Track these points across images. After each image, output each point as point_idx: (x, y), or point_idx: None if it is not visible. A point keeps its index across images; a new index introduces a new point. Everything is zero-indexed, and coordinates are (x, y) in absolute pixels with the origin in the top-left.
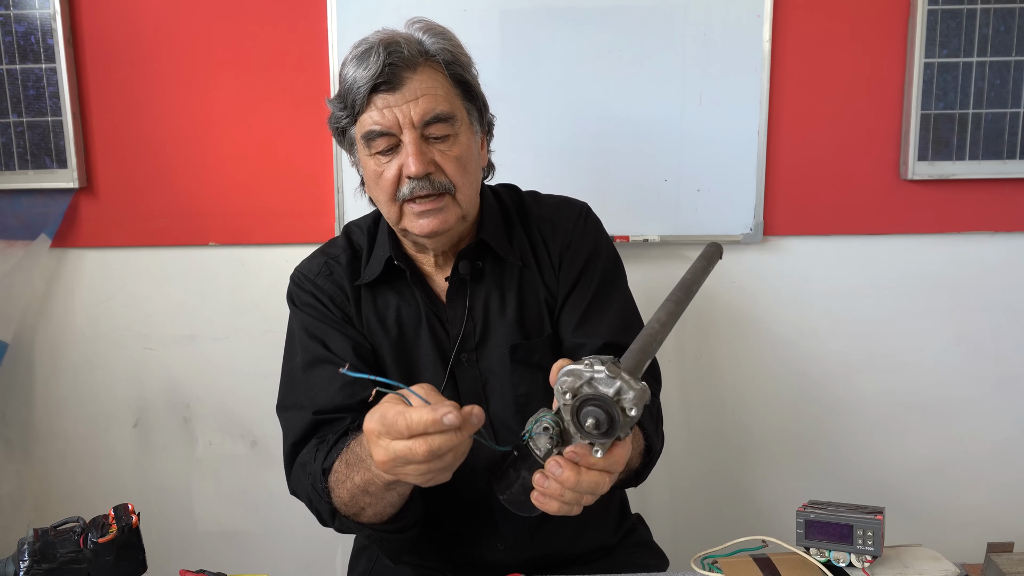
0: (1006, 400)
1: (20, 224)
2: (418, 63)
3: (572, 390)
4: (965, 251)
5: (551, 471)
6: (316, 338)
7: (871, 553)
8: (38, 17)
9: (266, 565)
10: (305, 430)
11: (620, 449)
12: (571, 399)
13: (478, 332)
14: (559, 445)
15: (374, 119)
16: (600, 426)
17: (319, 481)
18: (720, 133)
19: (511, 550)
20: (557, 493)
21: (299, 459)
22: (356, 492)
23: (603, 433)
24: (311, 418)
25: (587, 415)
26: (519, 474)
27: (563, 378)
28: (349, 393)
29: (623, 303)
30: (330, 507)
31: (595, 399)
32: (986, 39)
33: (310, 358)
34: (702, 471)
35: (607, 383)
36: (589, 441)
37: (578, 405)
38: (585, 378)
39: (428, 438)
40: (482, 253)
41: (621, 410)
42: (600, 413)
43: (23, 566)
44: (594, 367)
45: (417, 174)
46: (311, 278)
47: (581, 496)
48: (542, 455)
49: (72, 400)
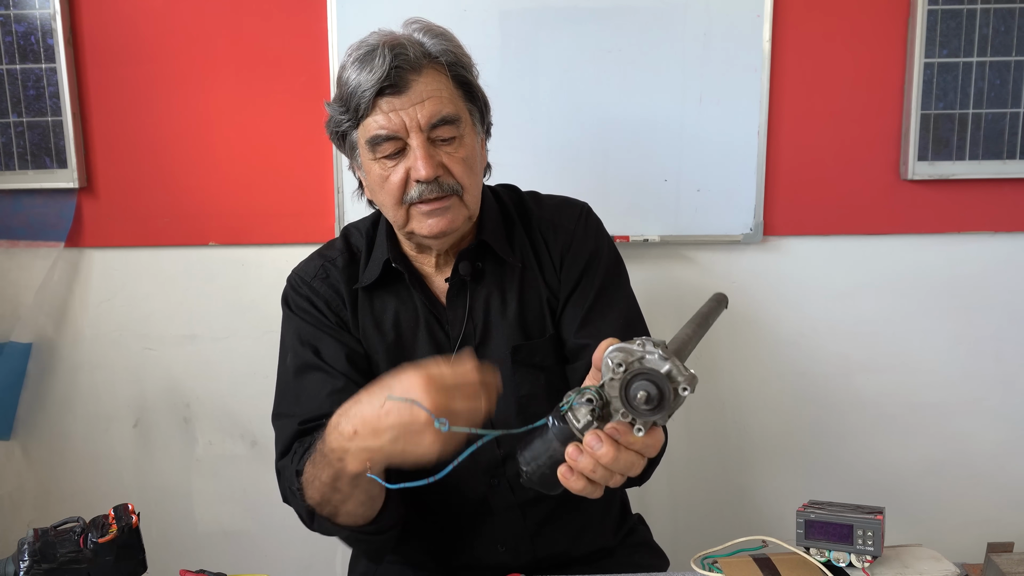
0: (1006, 400)
1: (21, 224)
2: (422, 65)
3: (625, 363)
4: (965, 251)
5: (590, 445)
6: (308, 344)
7: (871, 553)
8: (38, 17)
9: (266, 565)
10: (291, 439)
11: (657, 432)
12: (623, 371)
13: (478, 333)
14: (599, 420)
15: (380, 123)
16: (651, 401)
17: (294, 482)
18: (720, 133)
19: (512, 551)
20: (589, 469)
21: (281, 465)
22: (325, 491)
23: (651, 409)
24: (296, 428)
25: (639, 388)
26: (550, 446)
27: (614, 353)
28: (336, 401)
29: (626, 303)
30: (306, 507)
31: (648, 374)
32: (986, 39)
33: (300, 364)
34: (702, 471)
35: (659, 363)
36: (631, 420)
37: (629, 378)
38: (636, 355)
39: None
40: (482, 254)
41: (672, 389)
42: (652, 388)
43: (23, 566)
44: (645, 347)
45: (427, 178)
46: (307, 281)
47: (611, 475)
48: (580, 427)
49: (72, 400)
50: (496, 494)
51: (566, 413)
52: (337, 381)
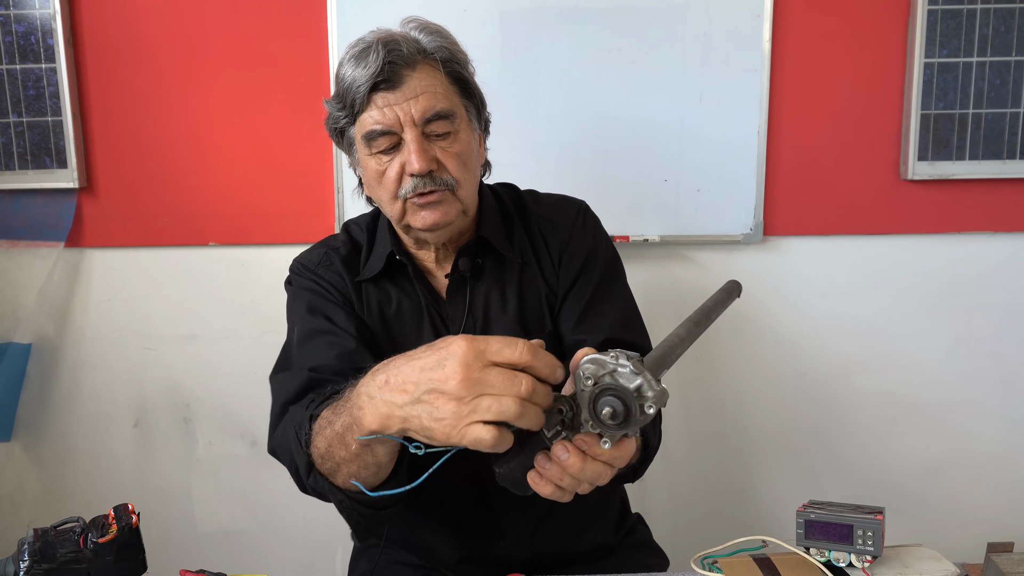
0: (1006, 400)
1: (21, 224)
2: (417, 61)
3: (595, 377)
4: (965, 251)
5: (557, 455)
6: (318, 312)
7: (871, 553)
8: (38, 17)
9: (266, 565)
10: (299, 389)
11: (627, 444)
12: (592, 385)
13: (478, 329)
14: (568, 430)
15: (375, 118)
16: (616, 417)
17: (304, 427)
18: (720, 133)
19: (512, 548)
20: (557, 477)
21: (288, 414)
22: (333, 441)
23: (617, 425)
24: (307, 375)
25: (604, 404)
26: (521, 451)
27: (586, 365)
28: (348, 360)
29: (623, 300)
30: (307, 458)
31: (615, 389)
32: (986, 39)
33: (309, 330)
34: (702, 471)
35: (629, 378)
36: (599, 432)
37: (597, 393)
38: (608, 368)
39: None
40: (482, 250)
41: (639, 406)
42: (618, 404)
43: (23, 566)
44: (619, 360)
45: (420, 171)
46: (311, 268)
47: (579, 484)
48: (549, 436)
49: (72, 400)
50: (497, 491)
51: None
52: (348, 342)
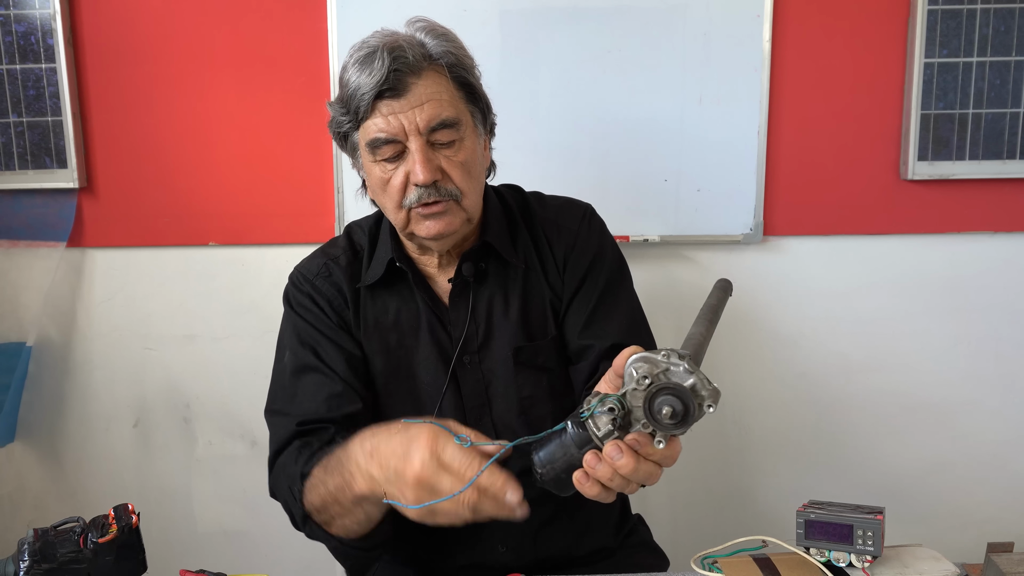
0: (1006, 400)
1: (22, 224)
2: (422, 68)
3: (650, 375)
4: (965, 251)
5: (610, 455)
6: (307, 345)
7: (871, 553)
8: (38, 17)
9: (266, 565)
10: (288, 439)
11: (676, 444)
12: (648, 384)
13: (481, 334)
14: (619, 429)
15: (379, 126)
16: (675, 416)
17: (296, 484)
18: (720, 133)
19: (513, 552)
20: (607, 477)
21: (280, 460)
22: (327, 499)
23: (674, 424)
24: (294, 428)
25: (663, 403)
26: (567, 451)
27: (638, 363)
28: (335, 406)
29: (630, 304)
30: (302, 511)
31: (674, 389)
32: (986, 39)
33: (300, 364)
34: (702, 471)
35: (683, 376)
36: (651, 431)
37: (654, 392)
38: (661, 367)
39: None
40: (485, 255)
41: (697, 405)
42: (678, 403)
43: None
44: (670, 359)
45: (425, 182)
46: (310, 279)
47: (628, 484)
48: (600, 436)
49: (72, 400)
50: None
51: (586, 420)
52: (335, 385)
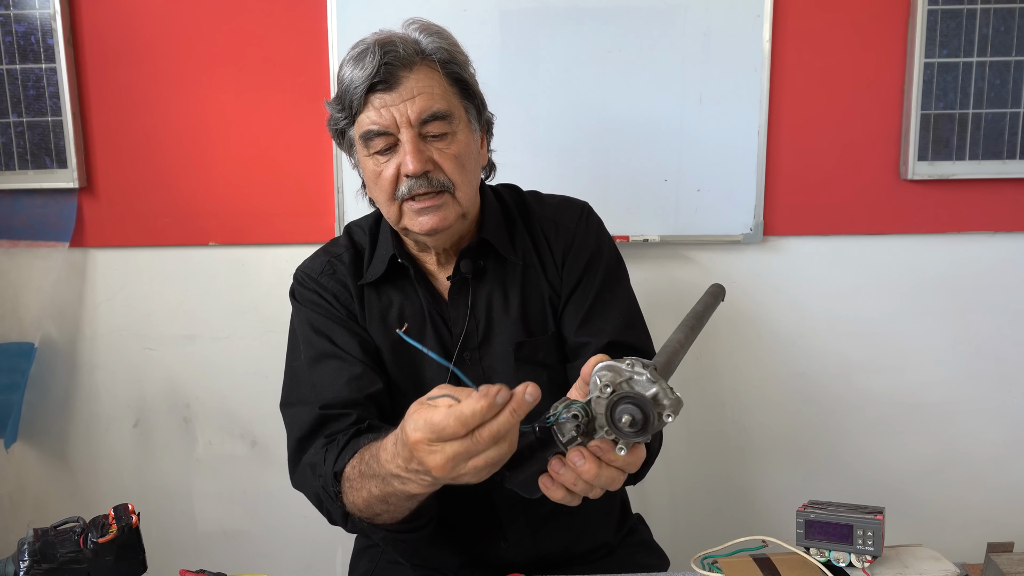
0: (1006, 400)
1: (22, 224)
2: (414, 62)
3: (613, 384)
4: (965, 251)
5: (573, 461)
6: (322, 333)
7: (871, 553)
8: (38, 17)
9: (266, 565)
10: (311, 425)
11: (639, 450)
12: (610, 393)
13: (480, 330)
14: (583, 436)
15: (371, 119)
16: (635, 424)
17: (331, 485)
18: (720, 133)
19: (513, 548)
20: (570, 482)
21: (306, 458)
22: (372, 501)
23: (634, 432)
24: (318, 413)
25: (623, 412)
26: (534, 455)
27: (602, 372)
28: (356, 388)
29: (626, 303)
30: (342, 511)
31: (634, 398)
32: (986, 39)
33: (316, 353)
34: (702, 471)
35: (646, 386)
36: (614, 438)
37: (615, 400)
38: (624, 376)
39: (488, 425)
40: (484, 252)
41: (657, 415)
42: (637, 412)
43: (23, 566)
44: (634, 368)
45: (415, 172)
46: (314, 277)
47: (591, 488)
48: (564, 441)
49: (72, 400)
50: (499, 490)
51: (552, 425)
52: (355, 368)
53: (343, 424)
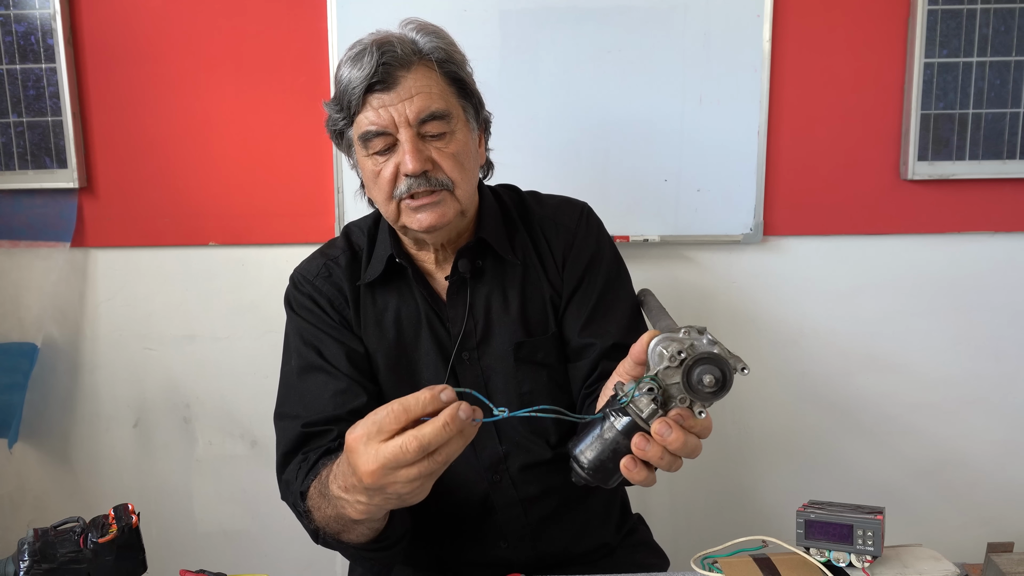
0: (1006, 400)
1: (22, 225)
2: (412, 62)
3: (683, 350)
4: (965, 251)
5: (660, 432)
6: (310, 344)
7: (871, 553)
8: (38, 17)
9: (266, 565)
10: (295, 441)
11: (709, 417)
12: (683, 358)
13: (479, 330)
14: (661, 407)
15: (370, 119)
16: (716, 383)
17: (299, 503)
18: (720, 133)
19: (513, 549)
20: (657, 456)
21: (285, 474)
22: (330, 521)
23: (713, 392)
24: (300, 430)
25: (703, 373)
26: (612, 439)
27: (664, 343)
28: (340, 403)
29: (629, 302)
30: (312, 526)
31: (710, 357)
32: (986, 39)
33: (304, 364)
34: (702, 471)
35: (711, 347)
36: (688, 404)
37: (691, 364)
38: (687, 343)
39: (419, 432)
40: (482, 252)
41: (732, 370)
42: (716, 371)
43: (23, 566)
44: (691, 334)
45: (414, 171)
46: (310, 280)
47: (675, 461)
48: (645, 416)
49: (72, 400)
50: (498, 491)
51: (627, 405)
52: (340, 382)
53: (324, 441)
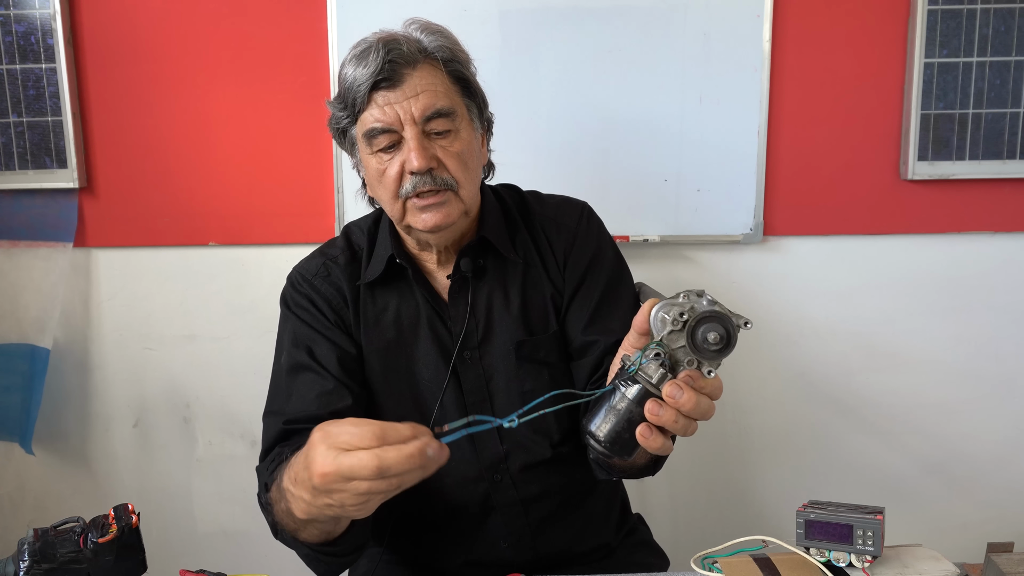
0: (1006, 400)
1: (22, 225)
2: (417, 60)
3: (686, 311)
4: (965, 251)
5: (672, 395)
6: (302, 344)
7: (871, 553)
8: (38, 17)
9: (266, 565)
10: (275, 438)
11: (719, 378)
12: (685, 320)
13: (481, 329)
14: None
15: (375, 116)
16: (721, 340)
17: (263, 494)
18: (720, 133)
19: (513, 549)
20: (672, 420)
21: (258, 467)
22: (283, 515)
23: (719, 350)
24: (281, 427)
25: (707, 331)
26: (624, 408)
27: (665, 308)
28: (324, 403)
29: (631, 301)
30: (271, 519)
31: (712, 315)
32: (986, 39)
33: (294, 364)
34: (702, 471)
35: (711, 306)
36: (697, 365)
37: (694, 325)
38: (687, 305)
39: (382, 454)
40: (484, 251)
41: (736, 326)
42: (720, 327)
43: (23, 566)
44: (690, 297)
45: (420, 169)
46: (308, 279)
47: (689, 424)
48: (655, 382)
49: (72, 400)
50: (499, 490)
51: (636, 373)
52: (327, 383)
53: (303, 439)
